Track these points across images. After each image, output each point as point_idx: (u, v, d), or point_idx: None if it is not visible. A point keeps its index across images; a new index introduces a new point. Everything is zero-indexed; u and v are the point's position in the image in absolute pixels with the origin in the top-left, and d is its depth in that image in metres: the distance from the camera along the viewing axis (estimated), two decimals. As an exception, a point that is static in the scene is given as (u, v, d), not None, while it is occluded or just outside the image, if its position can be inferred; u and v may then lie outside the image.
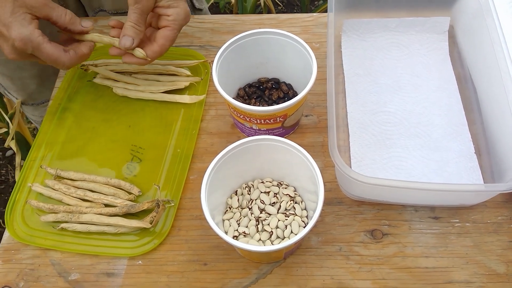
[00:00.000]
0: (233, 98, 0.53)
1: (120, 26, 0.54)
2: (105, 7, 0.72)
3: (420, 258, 0.49)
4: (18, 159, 0.97)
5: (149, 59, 0.54)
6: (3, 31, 0.48)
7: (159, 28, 0.54)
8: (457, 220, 0.51)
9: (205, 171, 0.46)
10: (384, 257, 0.49)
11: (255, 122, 0.53)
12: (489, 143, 0.54)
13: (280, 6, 1.68)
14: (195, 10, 0.79)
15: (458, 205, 0.52)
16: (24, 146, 1.01)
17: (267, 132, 0.55)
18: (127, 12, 0.73)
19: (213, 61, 0.54)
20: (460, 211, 0.52)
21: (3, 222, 1.27)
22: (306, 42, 0.53)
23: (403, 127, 0.57)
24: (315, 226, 0.51)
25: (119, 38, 0.53)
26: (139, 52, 0.53)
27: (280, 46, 0.56)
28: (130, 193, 0.54)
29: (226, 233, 0.48)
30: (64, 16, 0.51)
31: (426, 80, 0.61)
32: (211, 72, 0.53)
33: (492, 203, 0.52)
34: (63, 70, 0.65)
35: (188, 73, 0.62)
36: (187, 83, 0.61)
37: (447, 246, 0.50)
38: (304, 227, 0.44)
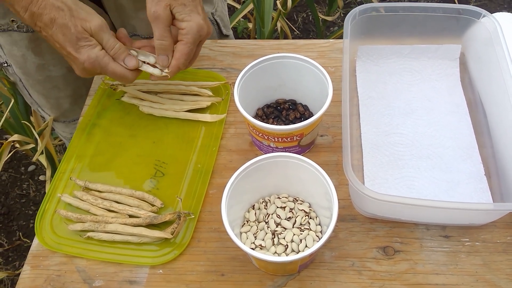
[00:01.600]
0: (252, 117, 0.56)
1: (144, 45, 0.58)
2: (138, 32, 0.76)
3: (430, 275, 0.51)
4: (48, 172, 1.02)
5: (168, 75, 0.57)
6: (72, 53, 0.53)
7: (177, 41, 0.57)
8: (467, 239, 0.53)
9: (225, 186, 0.48)
10: (396, 273, 0.51)
11: (273, 140, 0.55)
12: (498, 165, 0.56)
13: (296, 31, 1.73)
14: (222, 36, 0.83)
15: (468, 224, 0.53)
16: (50, 162, 1.06)
17: (284, 150, 0.58)
18: None
19: (233, 82, 0.57)
20: (470, 230, 0.53)
21: (23, 235, 1.31)
22: (322, 66, 0.57)
23: (415, 148, 0.60)
24: (329, 241, 0.53)
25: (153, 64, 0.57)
26: (157, 71, 0.57)
27: (297, 69, 0.59)
28: (153, 205, 0.57)
29: (243, 245, 0.50)
30: (110, 49, 0.54)
31: (437, 104, 0.63)
32: (232, 93, 0.57)
33: (502, 224, 0.53)
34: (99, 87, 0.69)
35: (210, 93, 0.66)
36: (208, 103, 0.65)
37: (457, 264, 0.51)
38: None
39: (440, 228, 0.54)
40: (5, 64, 0.76)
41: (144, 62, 0.57)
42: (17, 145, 1.21)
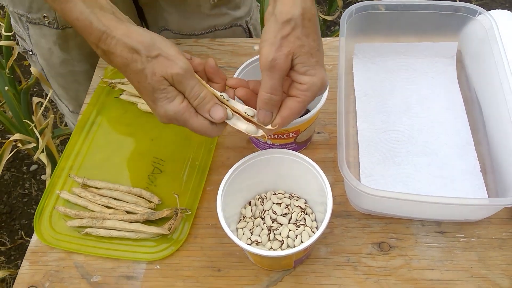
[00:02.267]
0: (249, 114, 0.57)
1: (240, 85, 0.47)
2: (169, 27, 0.76)
3: (426, 270, 0.51)
4: (49, 170, 1.03)
5: (266, 135, 0.46)
6: (149, 103, 0.46)
7: (288, 94, 0.45)
8: (463, 235, 0.53)
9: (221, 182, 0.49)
10: (391, 269, 0.51)
11: (269, 137, 0.56)
12: (494, 162, 0.56)
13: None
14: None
15: (463, 220, 0.54)
16: (51, 160, 1.07)
17: (280, 147, 0.58)
18: (190, 34, 0.74)
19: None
20: (465, 226, 0.53)
21: (25, 234, 1.32)
22: (318, 64, 0.57)
23: (411, 145, 0.60)
24: (324, 237, 0.54)
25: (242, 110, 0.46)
26: (252, 128, 0.46)
27: (294, 67, 0.59)
28: (150, 202, 0.57)
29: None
30: (194, 99, 0.44)
31: (434, 102, 0.64)
32: (229, 90, 0.57)
33: (497, 220, 0.54)
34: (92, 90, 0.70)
35: (208, 91, 0.66)
36: (206, 101, 0.65)
37: (452, 260, 0.51)
38: (314, 236, 0.46)
39: (435, 224, 0.54)
40: (30, 53, 0.77)
41: (235, 112, 0.46)
42: (19, 144, 1.22)
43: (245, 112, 0.46)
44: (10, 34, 1.05)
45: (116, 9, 0.45)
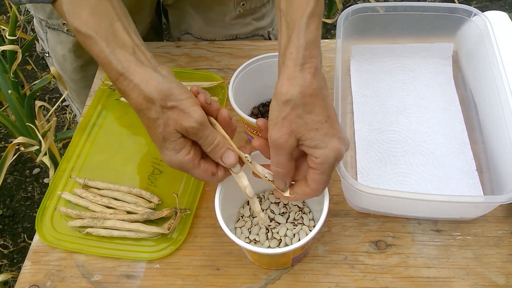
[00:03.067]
0: (247, 116, 0.58)
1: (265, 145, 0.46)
2: (191, 31, 0.77)
3: (422, 268, 0.51)
4: (51, 173, 1.03)
5: (289, 198, 0.47)
6: (157, 147, 0.45)
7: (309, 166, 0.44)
8: (459, 233, 0.53)
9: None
10: (388, 267, 0.52)
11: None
12: (489, 161, 0.57)
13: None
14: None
15: (459, 219, 0.54)
16: (54, 163, 1.08)
17: (278, 147, 0.59)
18: (211, 39, 0.75)
19: (229, 82, 0.58)
20: (461, 224, 0.54)
21: (28, 237, 1.33)
22: (315, 65, 0.58)
23: (407, 145, 0.61)
24: (322, 236, 0.54)
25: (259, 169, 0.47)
26: (286, 194, 0.47)
27: (291, 68, 0.60)
28: (150, 202, 0.58)
29: (237, 239, 0.51)
30: (208, 146, 0.44)
31: (430, 102, 0.64)
32: (228, 93, 0.58)
33: (493, 218, 0.54)
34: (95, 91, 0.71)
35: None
36: (205, 102, 0.66)
37: (449, 258, 0.52)
38: (311, 234, 0.47)
39: (431, 223, 0.55)
40: (47, 54, 0.79)
41: (256, 175, 0.48)
42: (21, 147, 1.23)
43: (265, 176, 0.47)
44: (14, 38, 1.07)
45: (141, 45, 0.44)
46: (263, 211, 0.54)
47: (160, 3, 0.79)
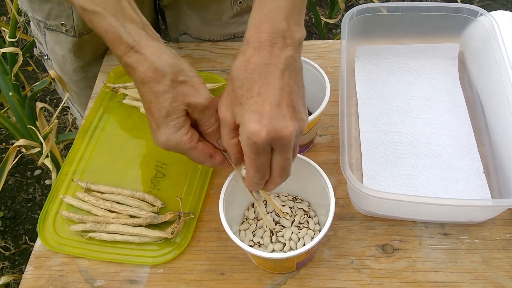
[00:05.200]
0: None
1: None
2: (189, 31, 0.77)
3: (429, 272, 0.51)
4: (53, 175, 1.03)
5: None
6: (154, 129, 0.44)
7: None
8: (466, 237, 0.53)
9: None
10: (395, 271, 0.51)
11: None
12: (497, 163, 0.56)
13: (299, 34, 1.73)
14: None
15: (467, 222, 0.53)
16: (55, 165, 1.07)
17: (283, 150, 0.58)
18: (210, 39, 0.75)
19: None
20: (469, 228, 0.53)
21: (29, 239, 1.32)
22: (321, 67, 0.57)
23: (413, 147, 0.60)
24: (327, 240, 0.54)
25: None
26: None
27: (295, 70, 0.59)
28: (153, 206, 0.57)
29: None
30: (208, 128, 0.45)
31: (436, 103, 0.64)
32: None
33: (501, 221, 0.53)
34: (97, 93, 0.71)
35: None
36: (208, 104, 0.66)
37: (456, 262, 0.51)
38: (317, 239, 0.46)
39: (439, 226, 0.54)
40: (46, 57, 0.78)
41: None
42: (23, 149, 1.23)
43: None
44: (14, 40, 1.06)
45: (148, 24, 0.44)
46: (268, 213, 0.53)
47: (157, 4, 0.78)
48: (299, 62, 0.43)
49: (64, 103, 0.85)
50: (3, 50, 1.01)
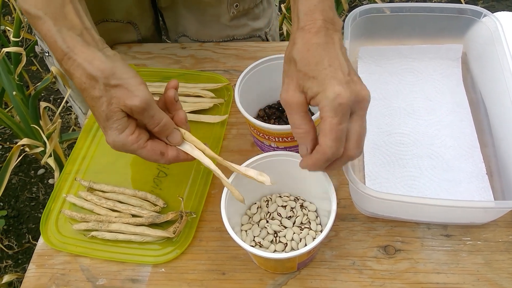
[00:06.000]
0: (253, 118, 0.57)
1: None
2: (188, 33, 0.77)
3: (431, 274, 0.51)
4: (56, 174, 1.03)
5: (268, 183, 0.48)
6: (102, 129, 0.45)
7: None
8: (469, 238, 0.53)
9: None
10: (396, 272, 0.51)
11: (274, 140, 0.56)
12: (500, 164, 0.56)
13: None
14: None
15: (469, 223, 0.53)
16: (59, 164, 1.07)
17: (285, 150, 0.58)
18: (208, 41, 0.75)
19: (235, 84, 0.58)
20: (471, 229, 0.53)
21: (32, 238, 1.33)
22: (322, 67, 0.57)
23: (416, 148, 0.60)
24: (329, 240, 0.54)
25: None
26: (265, 179, 0.48)
27: (298, 70, 0.59)
28: (155, 205, 0.57)
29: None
30: (154, 126, 0.45)
31: (439, 104, 0.63)
32: (234, 94, 0.57)
33: (504, 223, 0.53)
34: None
35: (212, 95, 0.67)
36: (211, 104, 0.66)
37: (458, 263, 0.51)
38: (318, 239, 0.46)
39: (441, 227, 0.54)
40: (47, 54, 0.78)
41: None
42: (26, 149, 1.23)
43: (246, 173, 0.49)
44: (18, 39, 1.07)
45: (90, 29, 0.44)
46: (270, 214, 0.53)
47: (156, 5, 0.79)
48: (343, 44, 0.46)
49: (66, 100, 0.85)
50: (6, 49, 1.01)
